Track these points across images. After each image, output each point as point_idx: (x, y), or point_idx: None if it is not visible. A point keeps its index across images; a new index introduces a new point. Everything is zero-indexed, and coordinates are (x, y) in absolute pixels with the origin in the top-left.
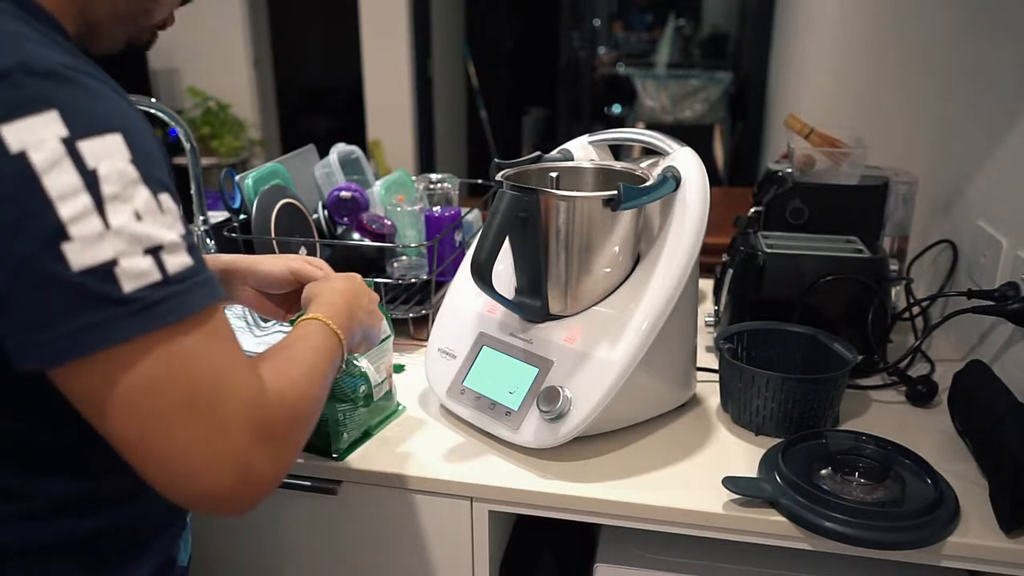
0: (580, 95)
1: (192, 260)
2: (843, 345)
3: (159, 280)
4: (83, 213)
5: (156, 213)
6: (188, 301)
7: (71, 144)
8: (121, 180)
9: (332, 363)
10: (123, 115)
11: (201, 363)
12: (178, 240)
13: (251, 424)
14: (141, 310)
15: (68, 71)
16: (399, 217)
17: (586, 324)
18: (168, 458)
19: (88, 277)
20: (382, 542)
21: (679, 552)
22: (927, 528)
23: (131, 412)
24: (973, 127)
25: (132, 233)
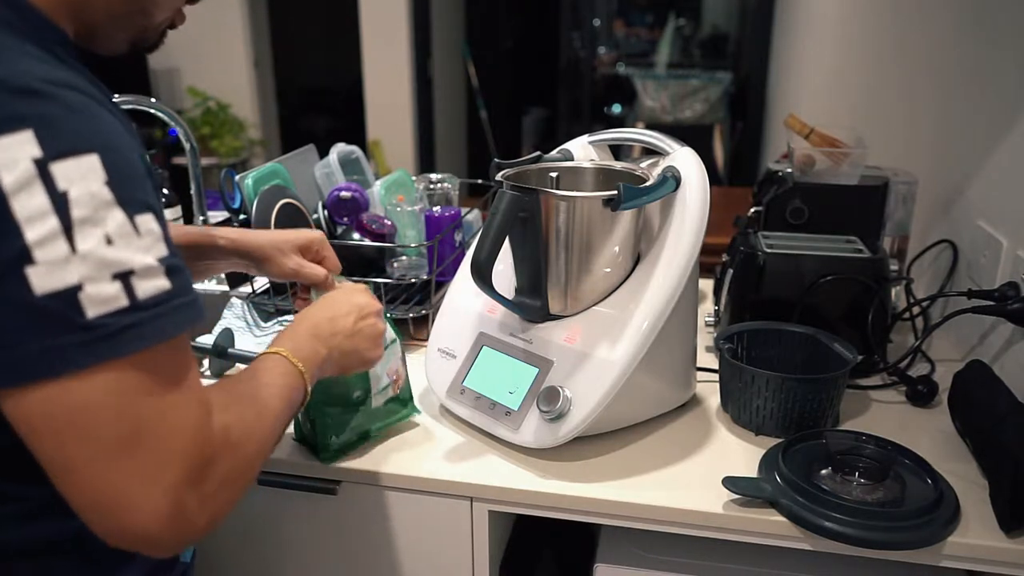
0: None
1: (170, 283)
2: (843, 345)
3: (125, 306)
4: (49, 236)
5: (130, 236)
6: (158, 327)
7: (43, 165)
8: (92, 203)
9: (289, 401)
10: (103, 133)
11: (151, 397)
12: (153, 264)
13: (190, 464)
14: (103, 337)
15: (48, 87)
16: (399, 217)
17: (586, 324)
18: (98, 492)
19: (51, 301)
20: (382, 542)
21: (679, 552)
22: (927, 528)
23: (67, 440)
24: (973, 127)
25: (100, 258)
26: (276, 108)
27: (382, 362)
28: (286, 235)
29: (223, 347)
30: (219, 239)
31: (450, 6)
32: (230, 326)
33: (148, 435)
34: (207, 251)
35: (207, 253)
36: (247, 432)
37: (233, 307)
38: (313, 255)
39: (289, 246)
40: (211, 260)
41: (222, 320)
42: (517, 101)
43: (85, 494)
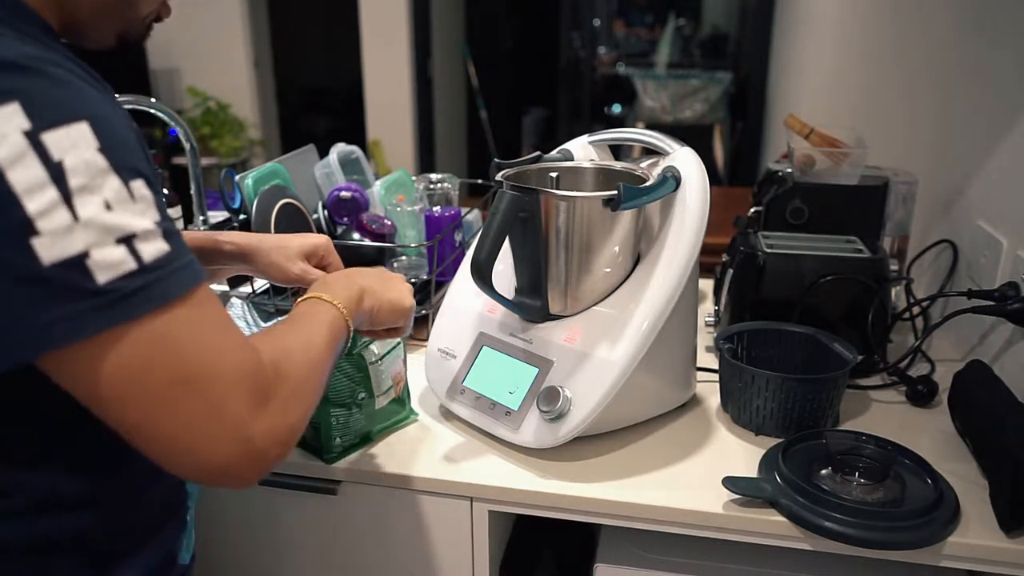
0: (580, 95)
1: (169, 246)
2: (843, 345)
3: (134, 269)
4: (50, 207)
5: (127, 201)
6: (167, 287)
7: (35, 136)
8: (88, 170)
9: (332, 336)
10: (90, 102)
11: (188, 343)
12: (152, 227)
13: (248, 395)
14: (117, 300)
15: (31, 61)
16: (399, 217)
17: (586, 324)
18: (169, 439)
19: (60, 271)
20: (382, 542)
21: (679, 552)
22: (927, 528)
23: (124, 400)
24: (973, 127)
25: (102, 224)
26: (276, 108)
27: (384, 359)
28: (291, 240)
29: None
30: (224, 244)
31: (450, 6)
32: None
33: (199, 377)
34: (212, 256)
35: (212, 258)
36: (296, 365)
37: (233, 307)
38: (318, 260)
39: (294, 251)
40: (217, 265)
41: None
42: (517, 101)
43: (158, 443)
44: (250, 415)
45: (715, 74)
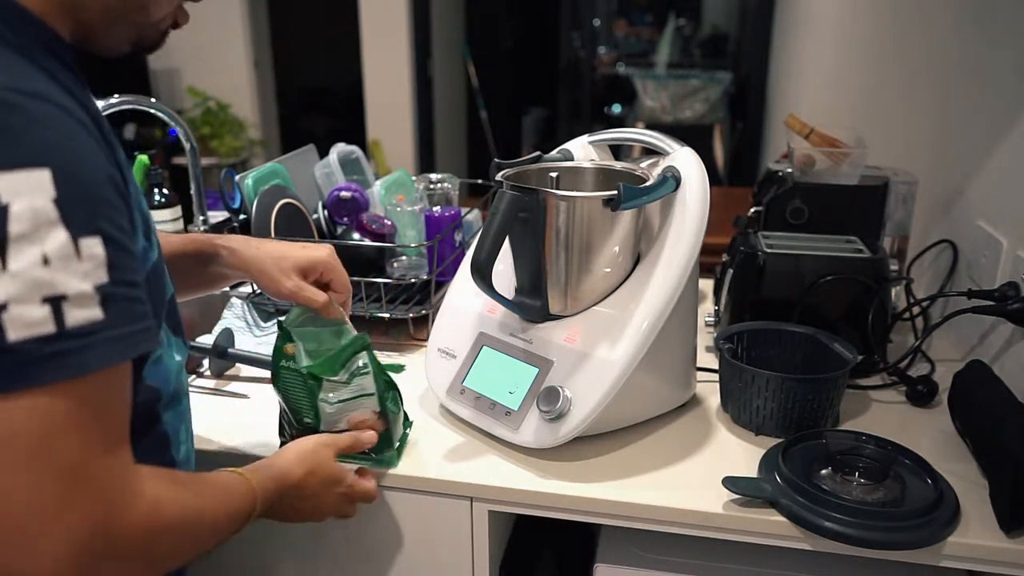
0: (580, 95)
1: (103, 314)
2: (843, 345)
3: (51, 333)
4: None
5: (70, 259)
6: (82, 359)
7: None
8: (34, 219)
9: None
10: (64, 148)
11: (70, 436)
12: (88, 291)
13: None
14: (21, 364)
15: (11, 96)
16: (399, 217)
17: (586, 324)
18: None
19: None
20: (382, 542)
21: (679, 552)
22: (927, 528)
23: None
24: (973, 127)
25: (32, 278)
26: (276, 108)
27: (342, 403)
28: (290, 251)
29: (223, 347)
30: (221, 248)
31: (450, 6)
32: (230, 326)
33: (62, 475)
34: (211, 259)
35: (211, 261)
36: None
37: (233, 307)
38: (316, 277)
39: (290, 264)
40: (216, 268)
41: (222, 320)
42: (517, 101)
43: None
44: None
45: (715, 74)
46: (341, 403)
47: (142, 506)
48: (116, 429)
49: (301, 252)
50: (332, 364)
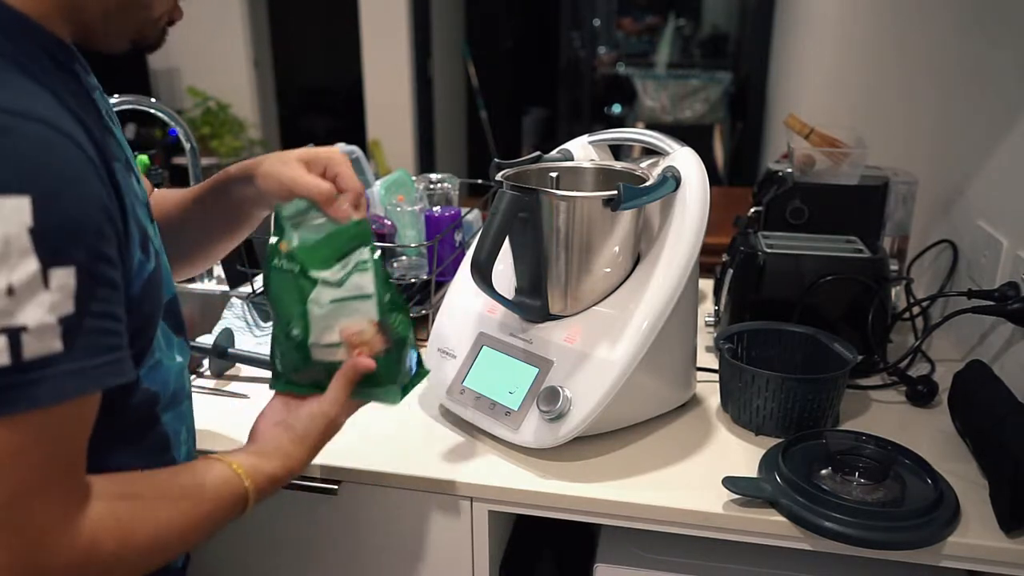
0: (580, 95)
1: (63, 346)
2: (843, 345)
3: (6, 365)
4: None
5: (36, 290)
6: (33, 393)
7: None
8: (4, 248)
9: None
10: (50, 177)
11: (13, 471)
12: (51, 323)
13: (26, 567)
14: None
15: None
16: (399, 217)
17: (586, 324)
18: None
19: None
20: (382, 542)
21: (679, 552)
22: (927, 528)
23: None
24: (973, 127)
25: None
26: (276, 108)
27: (335, 311)
28: (292, 151)
29: (223, 347)
30: (231, 169)
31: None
32: (230, 326)
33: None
34: (226, 186)
35: (227, 188)
36: (121, 550)
37: (233, 307)
38: (320, 171)
39: (291, 156)
40: (232, 191)
41: (222, 320)
42: (517, 101)
43: None
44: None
45: (715, 74)
46: (333, 304)
47: (76, 546)
48: (63, 464)
49: (306, 148)
50: (324, 253)
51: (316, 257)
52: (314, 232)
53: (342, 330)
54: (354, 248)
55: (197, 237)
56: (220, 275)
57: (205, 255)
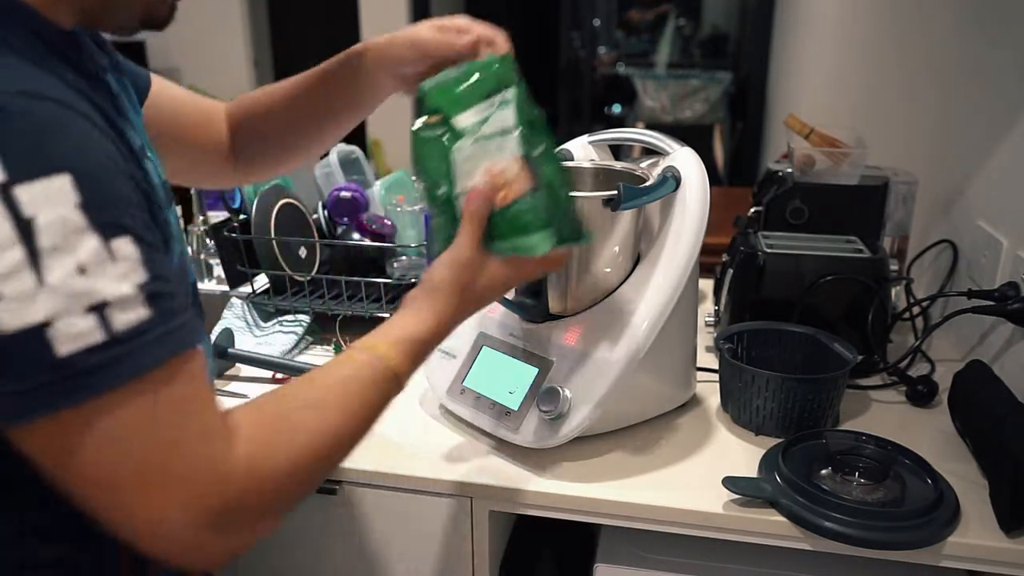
0: (580, 95)
1: (150, 312)
2: (843, 345)
3: (101, 341)
4: (14, 269)
5: (106, 263)
6: (137, 361)
7: (7, 190)
8: (63, 229)
9: (371, 420)
10: (78, 151)
11: (148, 434)
12: (131, 292)
13: (199, 514)
14: (76, 375)
15: (16, 100)
16: (399, 217)
17: (586, 324)
18: (113, 523)
19: (18, 340)
20: (382, 542)
21: (679, 552)
22: (927, 528)
23: (72, 481)
24: (973, 127)
25: (71, 290)
26: None
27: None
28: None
29: (223, 347)
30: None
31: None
32: (230, 326)
33: (153, 475)
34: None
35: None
36: (288, 469)
37: (233, 307)
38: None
39: (424, 24)
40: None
41: (222, 320)
42: None
43: (105, 523)
44: (202, 528)
45: (715, 74)
46: (475, 145)
47: (239, 475)
48: (193, 412)
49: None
50: (467, 100)
51: (458, 105)
52: (455, 84)
53: (485, 171)
54: (498, 89)
55: (305, 128)
56: (220, 275)
57: (317, 145)
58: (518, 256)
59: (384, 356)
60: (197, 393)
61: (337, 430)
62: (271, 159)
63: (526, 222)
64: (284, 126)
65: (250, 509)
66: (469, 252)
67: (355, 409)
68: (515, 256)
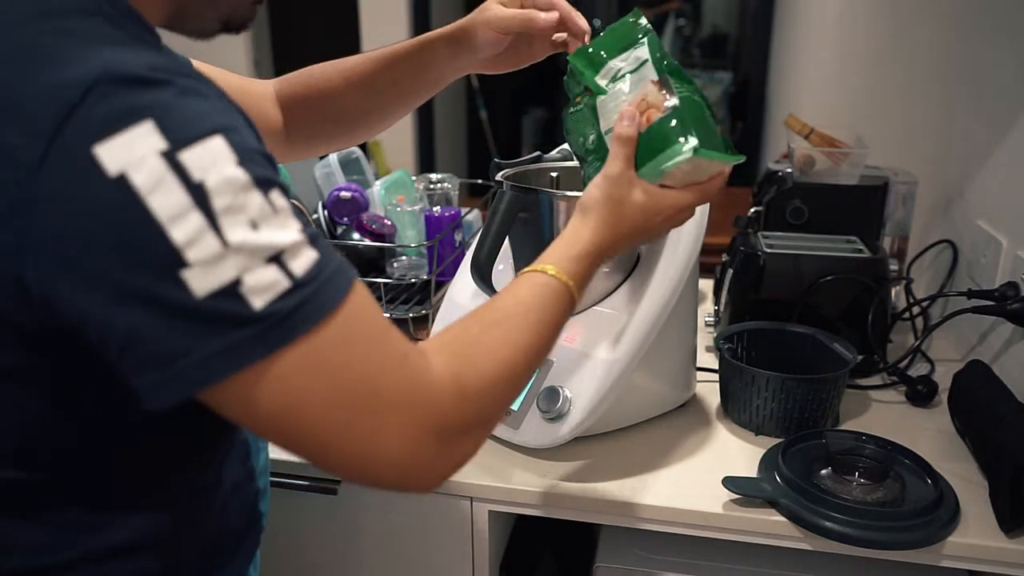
0: None
1: (317, 252)
2: (843, 345)
3: (288, 288)
4: (197, 234)
5: (270, 216)
6: (322, 299)
7: (172, 157)
8: (231, 189)
9: (552, 334)
10: (219, 112)
11: (347, 367)
12: (298, 238)
13: (413, 427)
14: (275, 324)
15: (157, 72)
16: (399, 217)
17: (586, 324)
18: (326, 461)
19: (214, 301)
20: (382, 542)
21: (679, 552)
22: (927, 528)
23: (284, 427)
24: (973, 127)
25: (252, 246)
26: None
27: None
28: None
29: None
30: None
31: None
32: None
33: (360, 404)
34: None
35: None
36: (488, 383)
37: None
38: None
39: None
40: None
41: None
42: (517, 101)
43: (323, 464)
44: (414, 447)
45: (715, 74)
46: (613, 84)
47: (447, 385)
48: (386, 337)
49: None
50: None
51: (598, 63)
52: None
53: (629, 104)
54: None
55: (373, 110)
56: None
57: (386, 120)
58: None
59: (554, 274)
60: (383, 321)
61: (525, 342)
62: (331, 138)
63: (668, 132)
64: (349, 108)
65: (461, 421)
66: (618, 167)
67: (536, 323)
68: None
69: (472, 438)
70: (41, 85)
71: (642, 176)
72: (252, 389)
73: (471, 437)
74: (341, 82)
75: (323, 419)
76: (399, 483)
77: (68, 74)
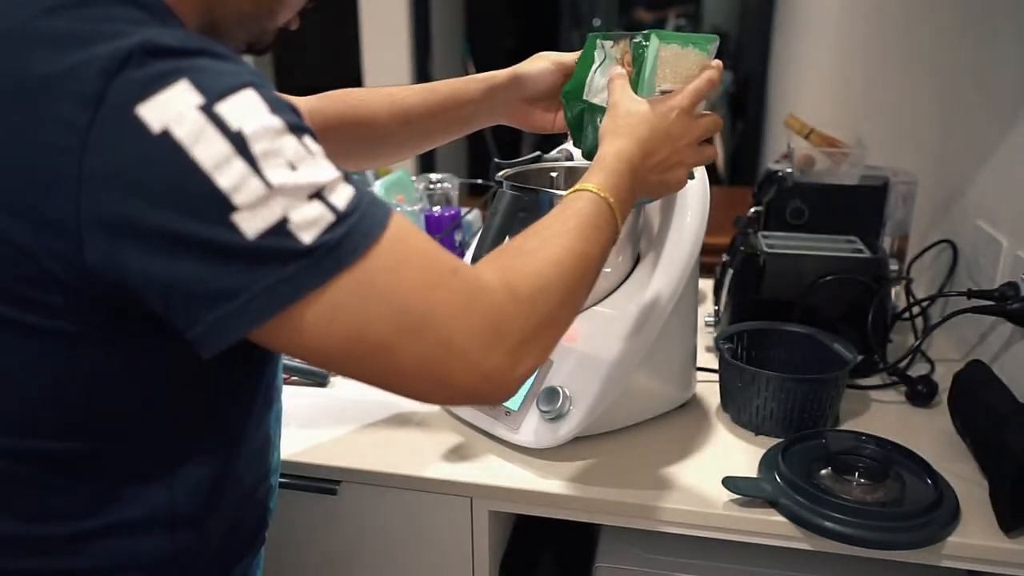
0: None
1: (353, 187)
2: (843, 345)
3: (334, 220)
4: (242, 179)
5: (306, 157)
6: (367, 227)
7: (209, 109)
8: (268, 134)
9: (597, 242)
10: (248, 72)
11: (401, 286)
12: (336, 174)
13: (476, 332)
14: (327, 254)
15: (188, 43)
16: None
17: (586, 324)
18: (401, 384)
19: (265, 240)
20: (382, 542)
21: (679, 552)
22: (927, 528)
23: (348, 355)
24: (973, 127)
25: (293, 185)
26: None
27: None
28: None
29: None
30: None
31: (450, 6)
32: None
33: (419, 321)
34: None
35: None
36: (539, 286)
37: None
38: None
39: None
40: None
41: None
42: None
43: (393, 387)
44: (481, 351)
45: None
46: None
47: (500, 294)
48: (431, 257)
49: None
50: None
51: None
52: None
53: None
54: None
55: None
56: None
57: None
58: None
59: (586, 188)
60: (427, 241)
61: (569, 245)
62: (361, 161)
63: (638, 51)
64: (387, 137)
65: (521, 324)
66: (617, 93)
67: (575, 228)
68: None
69: (537, 342)
70: (85, 59)
71: (641, 96)
72: (314, 320)
73: (536, 341)
74: (384, 115)
75: (387, 342)
76: (477, 392)
77: (108, 48)
